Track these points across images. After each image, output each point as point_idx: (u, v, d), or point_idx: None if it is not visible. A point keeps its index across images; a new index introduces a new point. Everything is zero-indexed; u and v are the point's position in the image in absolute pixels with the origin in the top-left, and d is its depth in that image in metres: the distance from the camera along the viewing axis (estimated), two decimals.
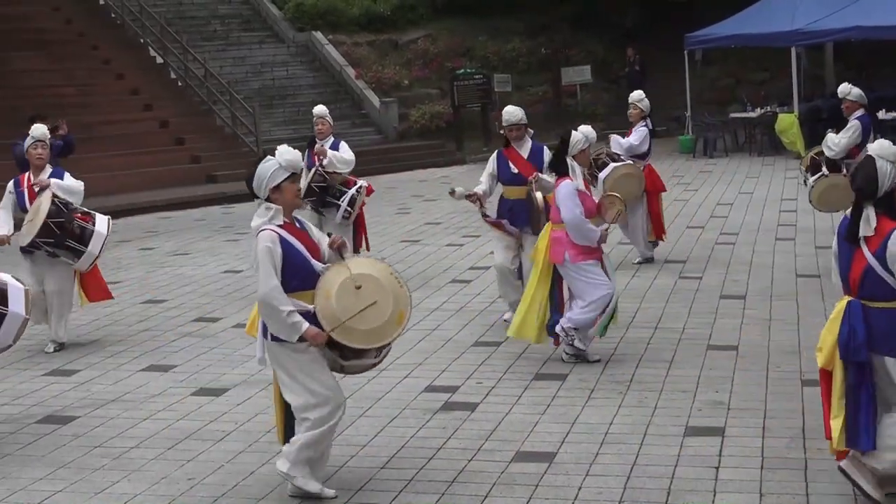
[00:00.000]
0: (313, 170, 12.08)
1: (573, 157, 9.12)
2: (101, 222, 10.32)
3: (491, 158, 10.61)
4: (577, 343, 9.14)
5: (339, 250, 6.63)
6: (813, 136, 24.63)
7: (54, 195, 10.14)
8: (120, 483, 7.09)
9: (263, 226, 6.40)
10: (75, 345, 10.69)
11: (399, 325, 6.53)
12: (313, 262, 6.46)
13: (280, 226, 6.42)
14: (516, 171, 10.33)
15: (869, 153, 6.06)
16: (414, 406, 8.36)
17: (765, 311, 10.74)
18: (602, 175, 12.79)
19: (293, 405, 6.52)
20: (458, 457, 7.26)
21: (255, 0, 32.16)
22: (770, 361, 9.04)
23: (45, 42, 26.86)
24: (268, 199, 6.44)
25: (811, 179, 12.64)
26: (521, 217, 10.28)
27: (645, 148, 13.24)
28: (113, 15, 29.94)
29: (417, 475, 6.98)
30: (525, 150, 10.42)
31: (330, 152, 12.18)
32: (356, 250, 12.27)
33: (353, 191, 12.22)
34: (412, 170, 25.09)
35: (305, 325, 6.31)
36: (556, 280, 9.25)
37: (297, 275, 6.39)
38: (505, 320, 10.45)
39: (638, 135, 13.22)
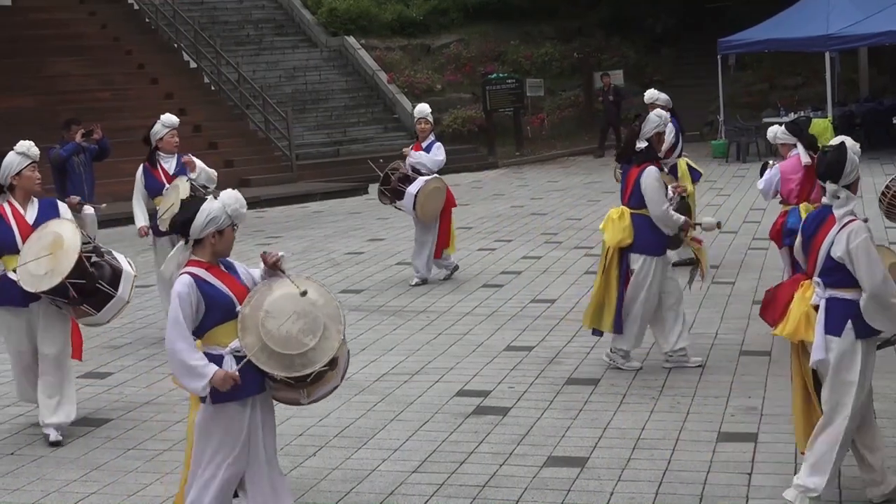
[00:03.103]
0: (188, 183, 10.27)
1: None
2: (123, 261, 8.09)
3: (658, 178, 8.84)
4: None
5: None
6: None
7: None
8: (153, 485, 7.13)
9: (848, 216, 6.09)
10: (109, 348, 10.75)
11: None
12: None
13: None
14: None
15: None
16: (445, 410, 8.37)
17: None
18: (413, 189, 12.77)
19: (851, 405, 6.07)
20: (490, 461, 7.27)
21: (288, 5, 32.31)
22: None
23: (81, 47, 27.14)
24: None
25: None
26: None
27: (444, 162, 13.24)
28: (147, 20, 30.18)
29: (449, 479, 6.99)
30: None
31: (199, 162, 10.64)
32: None
33: None
34: (444, 174, 25.01)
35: None
36: None
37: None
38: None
39: (439, 149, 13.21)
